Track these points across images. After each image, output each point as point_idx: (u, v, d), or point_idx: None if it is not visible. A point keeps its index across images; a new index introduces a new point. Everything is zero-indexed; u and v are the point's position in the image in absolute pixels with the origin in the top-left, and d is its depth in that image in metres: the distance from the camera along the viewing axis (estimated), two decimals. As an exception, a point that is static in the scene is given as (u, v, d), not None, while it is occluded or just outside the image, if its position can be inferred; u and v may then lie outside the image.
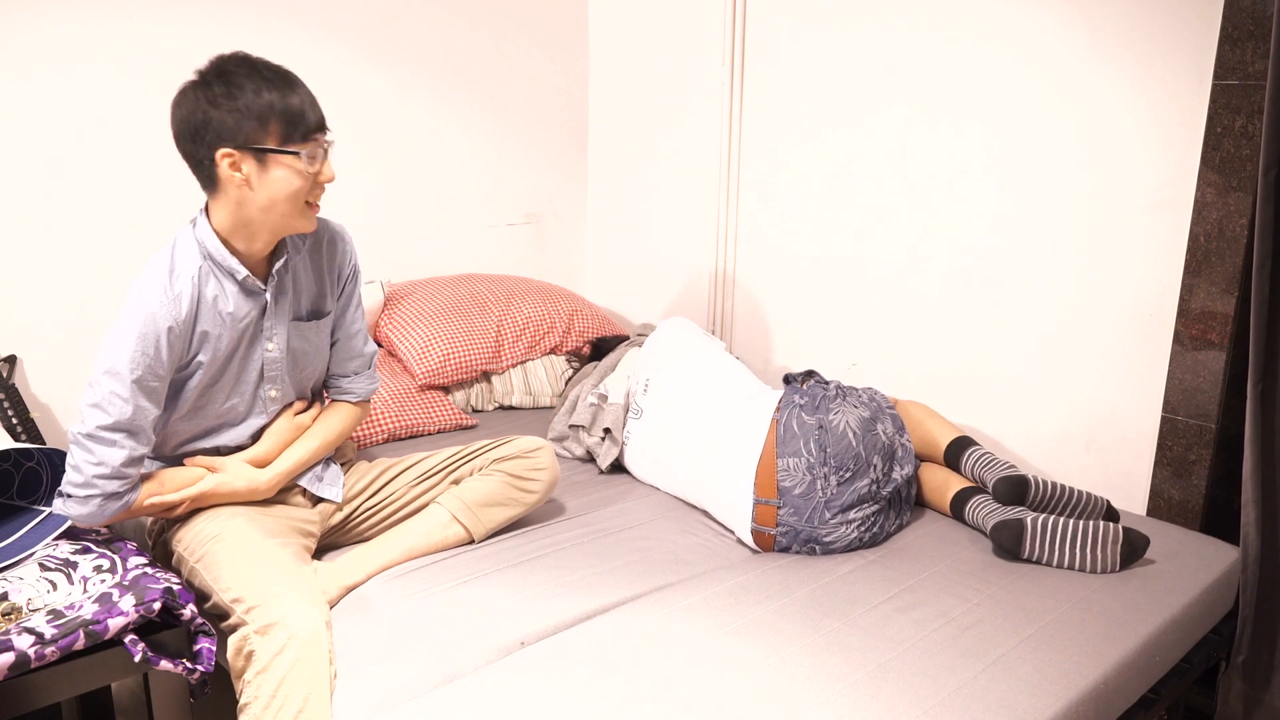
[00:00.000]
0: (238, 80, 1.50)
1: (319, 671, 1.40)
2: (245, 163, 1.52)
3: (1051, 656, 1.51)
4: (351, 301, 1.84)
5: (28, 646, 1.29)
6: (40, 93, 2.14)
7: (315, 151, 1.56)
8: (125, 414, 1.51)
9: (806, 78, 2.56)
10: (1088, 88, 2.07)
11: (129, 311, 1.53)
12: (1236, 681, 1.88)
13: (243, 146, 1.51)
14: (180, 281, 1.57)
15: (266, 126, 1.51)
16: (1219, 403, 1.99)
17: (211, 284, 1.61)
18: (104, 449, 1.51)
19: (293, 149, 1.53)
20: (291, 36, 2.47)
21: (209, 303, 1.60)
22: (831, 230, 2.58)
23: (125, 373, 1.51)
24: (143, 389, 1.53)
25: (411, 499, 1.87)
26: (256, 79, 1.50)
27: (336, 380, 1.87)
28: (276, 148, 1.52)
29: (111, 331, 1.53)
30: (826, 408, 1.88)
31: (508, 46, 2.91)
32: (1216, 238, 1.93)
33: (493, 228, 3.01)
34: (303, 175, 1.55)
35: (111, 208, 2.26)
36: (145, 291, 1.55)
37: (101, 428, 1.50)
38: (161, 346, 1.54)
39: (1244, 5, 1.82)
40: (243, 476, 1.70)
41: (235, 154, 1.51)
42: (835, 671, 1.45)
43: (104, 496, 1.52)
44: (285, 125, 1.52)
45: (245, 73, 1.51)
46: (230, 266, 1.61)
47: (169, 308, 1.55)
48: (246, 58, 1.54)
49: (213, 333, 1.61)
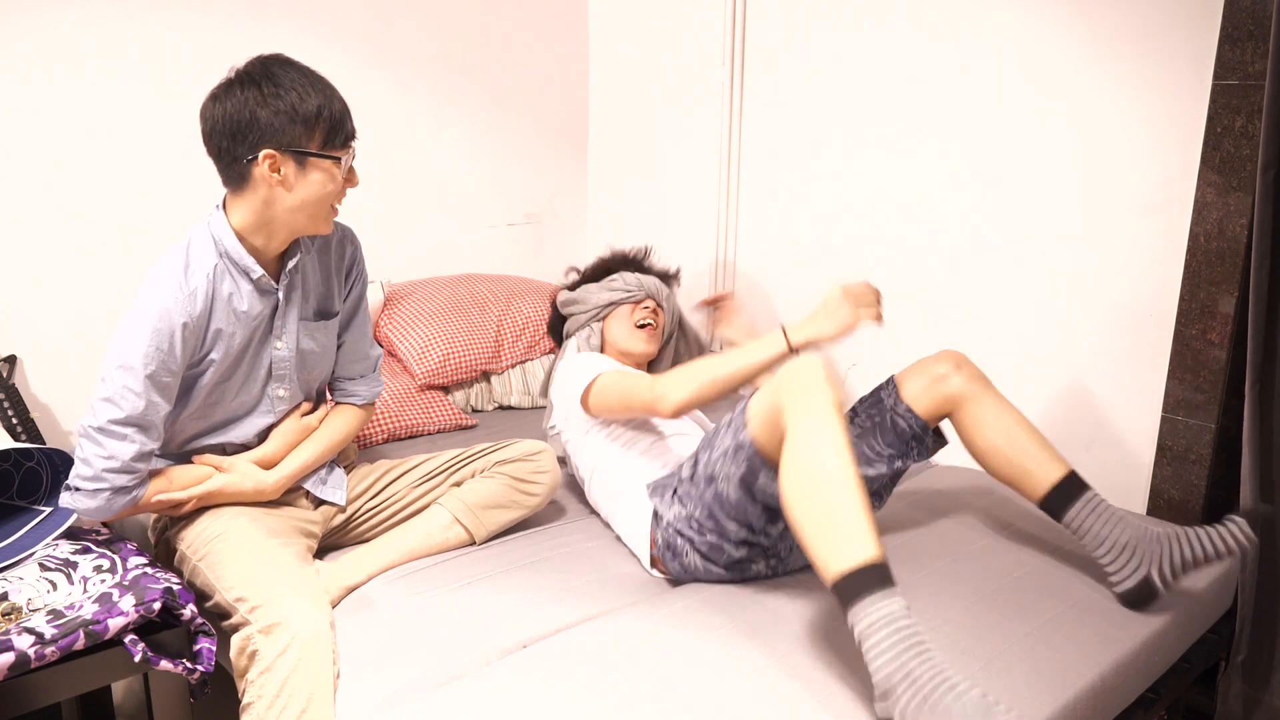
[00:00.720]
0: (285, 82, 1.51)
1: (322, 671, 1.41)
2: (286, 164, 1.53)
3: (1048, 655, 1.51)
4: (359, 303, 1.84)
5: (28, 646, 1.29)
6: (40, 93, 2.14)
7: (350, 157, 1.59)
8: (138, 409, 1.51)
9: (806, 78, 2.56)
10: (1088, 88, 2.07)
11: (143, 306, 1.53)
12: (1236, 681, 1.88)
13: (286, 148, 1.52)
14: (195, 277, 1.57)
15: (312, 130, 1.52)
16: (1219, 403, 1.99)
17: (226, 282, 1.60)
18: (115, 443, 1.51)
19: (334, 154, 1.55)
20: (292, 37, 2.47)
21: (224, 300, 1.60)
22: (831, 230, 2.58)
23: (139, 367, 1.50)
24: (156, 384, 1.52)
25: (413, 500, 1.87)
26: (303, 82, 1.52)
27: (342, 382, 1.87)
28: (319, 151, 1.54)
29: (124, 325, 1.53)
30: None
31: (508, 47, 2.91)
32: (1216, 238, 1.93)
33: (493, 228, 3.01)
34: (337, 180, 1.58)
35: (111, 208, 2.26)
36: (160, 286, 1.54)
37: (113, 421, 1.50)
38: (176, 342, 1.53)
39: (1244, 5, 1.82)
40: (250, 477, 1.70)
41: (277, 155, 1.52)
42: (834, 672, 1.45)
43: (112, 490, 1.53)
44: (329, 130, 1.54)
45: (292, 76, 1.52)
46: (246, 265, 1.61)
47: (184, 304, 1.54)
48: (290, 60, 1.56)
49: (226, 330, 1.61)
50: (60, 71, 2.16)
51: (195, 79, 1.65)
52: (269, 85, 1.50)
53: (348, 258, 1.80)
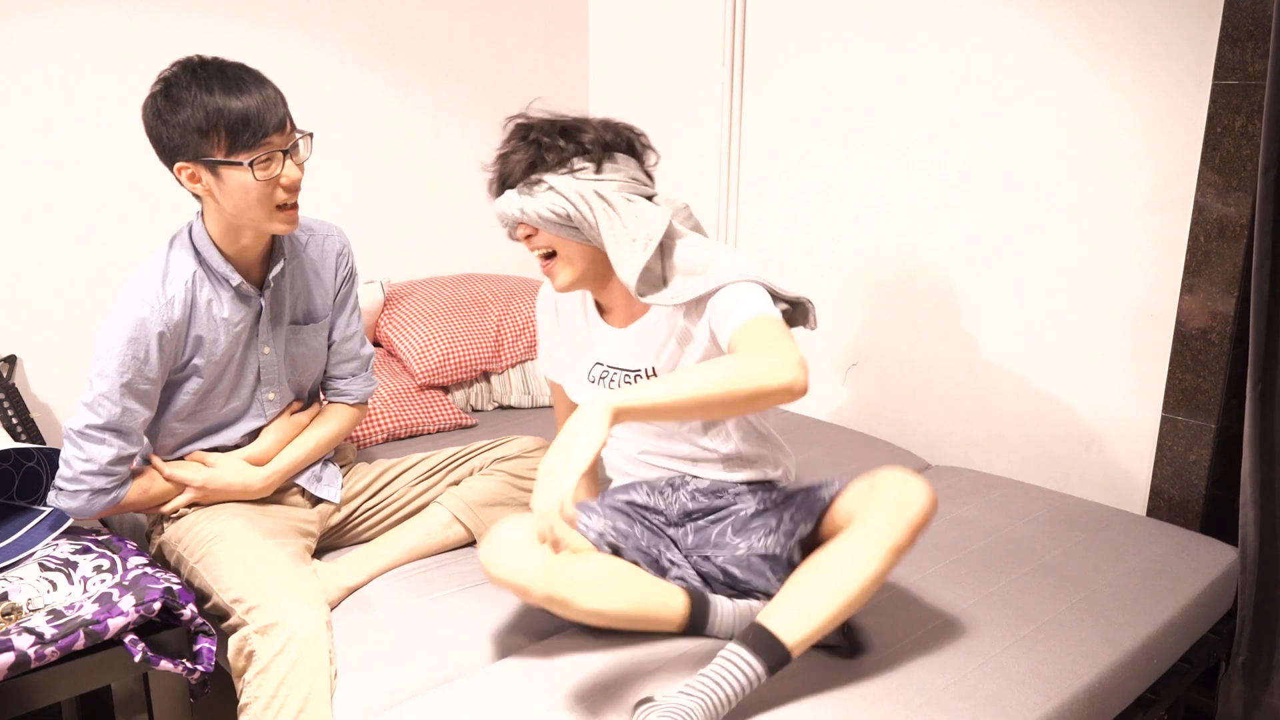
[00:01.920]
0: (177, 93, 1.46)
1: (319, 672, 1.41)
2: (202, 174, 1.51)
3: (1046, 656, 1.51)
4: (348, 304, 1.83)
5: (28, 646, 1.29)
6: (40, 94, 2.14)
7: (269, 156, 1.50)
8: (114, 415, 1.53)
9: (806, 78, 2.56)
10: (1088, 88, 2.07)
11: (120, 314, 1.54)
12: (1236, 682, 1.88)
13: (195, 159, 1.49)
14: (173, 285, 1.57)
15: (210, 137, 1.47)
16: (1219, 403, 1.99)
17: (205, 289, 1.61)
18: (93, 446, 1.54)
19: (237, 159, 1.48)
20: (291, 37, 2.47)
21: (203, 307, 1.61)
22: (831, 231, 2.58)
23: (114, 375, 1.52)
24: (132, 392, 1.54)
25: (412, 499, 1.87)
26: (196, 87, 1.46)
27: (333, 382, 1.87)
28: (223, 159, 1.48)
29: (103, 332, 1.54)
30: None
31: (508, 47, 2.91)
32: (1216, 238, 1.93)
33: (493, 228, 2.99)
34: (258, 181, 1.50)
35: (111, 208, 2.26)
36: (136, 295, 1.55)
37: (90, 426, 1.53)
38: (151, 351, 1.54)
39: (1244, 5, 1.82)
40: (237, 474, 1.70)
41: (189, 166, 1.50)
42: (824, 672, 1.45)
43: (91, 492, 1.56)
44: (229, 135, 1.46)
45: (186, 81, 1.46)
46: (224, 273, 1.61)
47: (161, 312, 1.55)
48: (190, 63, 1.49)
49: (207, 337, 1.62)
50: (60, 71, 2.16)
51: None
52: (163, 98, 1.47)
53: (335, 259, 1.79)
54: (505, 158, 1.56)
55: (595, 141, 1.54)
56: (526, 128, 1.56)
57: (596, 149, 1.53)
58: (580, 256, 1.56)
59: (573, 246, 1.55)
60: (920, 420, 2.47)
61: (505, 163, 1.56)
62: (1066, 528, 1.94)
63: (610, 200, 1.51)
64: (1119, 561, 1.81)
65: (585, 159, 1.53)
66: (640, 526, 1.62)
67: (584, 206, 1.49)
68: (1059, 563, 1.80)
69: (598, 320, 1.69)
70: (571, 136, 1.53)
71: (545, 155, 1.52)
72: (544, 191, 1.51)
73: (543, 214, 1.50)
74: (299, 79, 1.91)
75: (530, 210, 1.51)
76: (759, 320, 1.43)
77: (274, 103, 1.50)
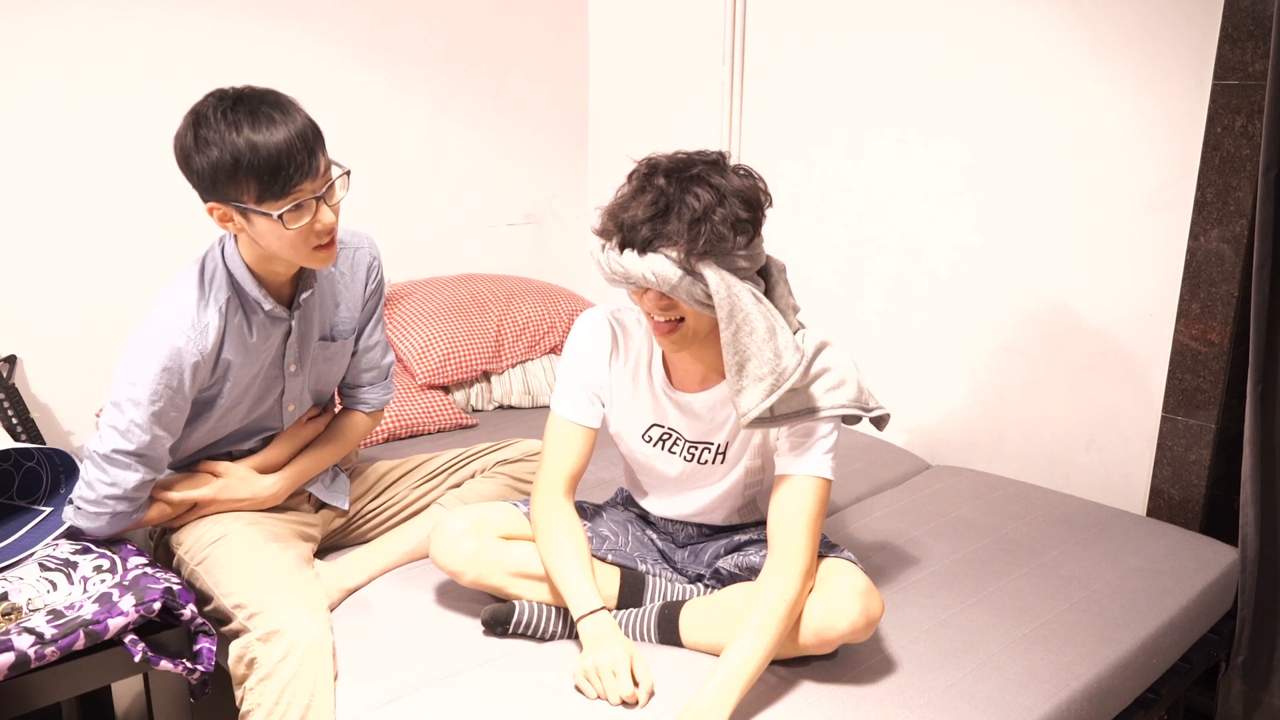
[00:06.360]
0: (205, 132, 1.39)
1: (322, 678, 1.40)
2: (233, 215, 1.45)
3: (1045, 656, 1.51)
4: (375, 314, 1.80)
5: (28, 646, 1.29)
6: (40, 93, 2.14)
7: (302, 203, 1.43)
8: (144, 442, 1.50)
9: (807, 78, 2.56)
10: (1088, 88, 2.07)
11: (153, 341, 1.49)
12: (1236, 682, 1.88)
13: (223, 202, 1.44)
14: (209, 313, 1.53)
15: (239, 183, 1.40)
16: (1219, 403, 1.98)
17: (239, 314, 1.57)
18: (119, 471, 1.51)
19: (266, 210, 1.41)
20: (292, 37, 2.47)
21: (235, 331, 1.57)
22: (831, 231, 2.58)
23: (146, 403, 1.48)
24: (162, 421, 1.51)
25: (413, 501, 1.87)
26: (224, 126, 1.38)
27: (351, 389, 1.84)
28: (253, 207, 1.42)
29: (134, 355, 1.49)
30: None
31: (508, 46, 2.91)
32: (1216, 238, 1.93)
33: (493, 228, 3.01)
34: (290, 230, 1.43)
35: (111, 208, 2.26)
36: (172, 322, 1.50)
37: (118, 452, 1.50)
38: (185, 380, 1.51)
39: (1244, 5, 1.82)
40: (247, 484, 1.69)
41: (220, 207, 1.45)
42: (822, 673, 1.45)
43: (113, 515, 1.53)
44: (260, 183, 1.39)
45: (215, 118, 1.39)
46: (257, 298, 1.56)
47: (196, 341, 1.51)
48: (223, 97, 1.41)
49: (236, 361, 1.58)
50: (60, 71, 2.16)
51: (196, 79, 1.65)
52: (192, 139, 1.41)
53: (366, 272, 1.75)
54: (650, 222, 1.42)
55: (737, 222, 1.42)
56: (672, 196, 1.43)
57: (746, 228, 1.44)
58: (707, 328, 1.47)
59: (705, 320, 1.45)
60: (920, 420, 2.47)
61: (650, 226, 1.41)
62: (1066, 528, 1.94)
63: (750, 312, 1.39)
64: (1119, 561, 1.81)
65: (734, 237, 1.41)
66: (631, 537, 1.69)
67: (726, 303, 1.38)
68: (1059, 563, 1.80)
69: (663, 378, 1.59)
70: (724, 218, 1.40)
71: (699, 237, 1.38)
72: (705, 268, 1.39)
73: (696, 295, 1.40)
74: (299, 79, 1.91)
75: (684, 292, 1.39)
76: (806, 494, 1.46)
77: (307, 143, 1.41)
